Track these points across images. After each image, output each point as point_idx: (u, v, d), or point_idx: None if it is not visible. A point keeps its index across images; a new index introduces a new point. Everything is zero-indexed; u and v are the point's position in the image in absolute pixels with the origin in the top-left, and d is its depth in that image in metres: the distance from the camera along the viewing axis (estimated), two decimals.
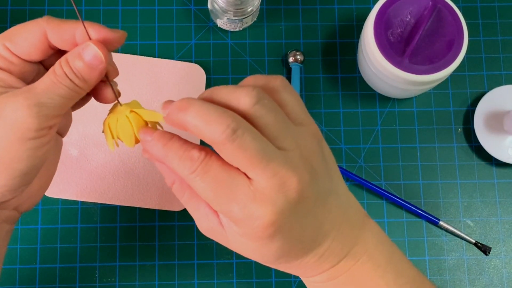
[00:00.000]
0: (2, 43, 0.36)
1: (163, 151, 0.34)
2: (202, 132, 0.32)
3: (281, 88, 0.35)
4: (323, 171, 0.35)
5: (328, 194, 0.35)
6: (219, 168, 0.33)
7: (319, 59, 0.62)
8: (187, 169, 0.33)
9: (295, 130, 0.34)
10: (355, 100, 0.61)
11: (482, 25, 0.63)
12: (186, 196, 0.36)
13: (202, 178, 0.33)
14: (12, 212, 0.40)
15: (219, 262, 0.57)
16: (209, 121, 0.32)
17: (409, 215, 0.59)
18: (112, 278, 0.57)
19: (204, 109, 0.32)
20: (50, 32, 0.36)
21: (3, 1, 0.62)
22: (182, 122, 0.33)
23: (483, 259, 0.58)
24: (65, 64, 0.35)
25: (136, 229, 0.58)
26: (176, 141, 0.34)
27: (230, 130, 0.31)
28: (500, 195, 0.60)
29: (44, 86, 0.34)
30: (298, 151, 0.34)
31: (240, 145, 0.31)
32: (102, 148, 0.58)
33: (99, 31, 0.35)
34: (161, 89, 0.59)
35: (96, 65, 0.35)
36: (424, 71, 0.53)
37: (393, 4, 0.55)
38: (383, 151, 0.60)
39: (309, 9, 0.63)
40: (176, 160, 0.33)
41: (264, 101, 0.33)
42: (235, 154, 0.32)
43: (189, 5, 0.63)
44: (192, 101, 0.32)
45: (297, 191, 0.33)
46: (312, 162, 0.34)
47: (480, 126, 0.59)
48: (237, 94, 0.33)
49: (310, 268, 0.37)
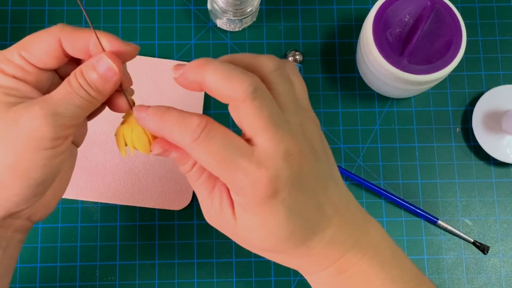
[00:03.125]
0: (17, 52, 0.36)
1: (160, 123, 0.33)
2: (221, 89, 0.32)
3: (293, 71, 0.36)
4: (323, 155, 0.36)
5: (328, 179, 0.36)
6: (221, 135, 0.32)
7: (318, 59, 0.62)
8: (188, 138, 0.32)
9: (300, 111, 0.35)
10: (354, 100, 0.61)
11: (481, 25, 0.63)
12: (204, 176, 0.35)
13: (204, 146, 0.32)
14: (25, 221, 0.39)
15: (218, 261, 0.57)
16: (231, 78, 0.32)
17: (408, 214, 0.59)
18: (112, 277, 0.57)
19: (225, 67, 0.32)
20: (64, 40, 0.36)
21: (3, 2, 0.62)
22: (200, 79, 0.32)
23: (481, 258, 0.58)
24: (80, 76, 0.35)
25: (136, 228, 0.58)
26: (173, 111, 0.33)
27: (252, 88, 0.32)
28: (498, 195, 0.60)
29: (61, 96, 0.35)
30: (301, 129, 0.34)
31: (259, 105, 0.32)
32: (102, 148, 0.58)
33: (112, 43, 0.35)
34: (161, 89, 0.59)
35: (110, 76, 0.35)
36: (423, 71, 0.54)
37: (392, 4, 0.55)
38: (381, 150, 0.60)
39: (308, 9, 0.63)
40: (176, 129, 0.33)
41: (282, 71, 0.34)
42: (251, 114, 0.32)
43: (189, 5, 0.63)
44: (210, 60, 0.33)
45: (299, 163, 0.33)
46: (313, 142, 0.35)
47: (479, 125, 0.60)
48: (259, 58, 0.34)
49: (318, 256, 0.36)
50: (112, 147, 0.58)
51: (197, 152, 0.33)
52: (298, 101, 0.35)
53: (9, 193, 0.35)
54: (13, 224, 0.38)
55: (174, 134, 0.33)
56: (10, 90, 0.35)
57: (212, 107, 0.59)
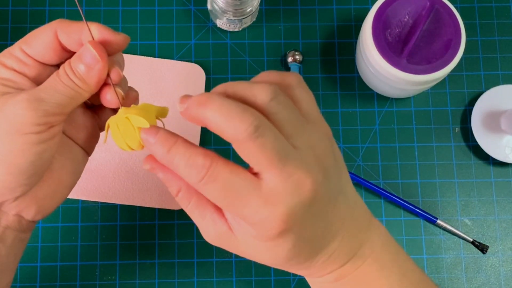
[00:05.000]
0: (19, 46, 0.37)
1: (168, 157, 0.33)
2: (223, 128, 0.31)
3: (295, 85, 0.35)
4: (334, 171, 0.35)
5: (338, 194, 0.35)
6: (227, 174, 0.32)
7: (318, 59, 0.62)
8: (193, 177, 0.32)
9: (308, 128, 0.34)
10: (354, 100, 0.61)
11: (480, 25, 0.63)
12: (191, 204, 0.35)
13: (210, 186, 0.32)
14: (16, 217, 0.38)
15: (218, 261, 0.58)
16: (231, 118, 0.31)
17: (407, 214, 0.59)
18: (112, 276, 0.57)
19: (226, 105, 0.31)
20: (60, 32, 0.37)
21: (4, 2, 0.62)
22: (201, 117, 0.32)
23: (480, 258, 0.59)
24: (67, 65, 0.36)
25: (136, 227, 0.58)
26: (180, 146, 0.33)
27: (252, 127, 0.31)
28: (497, 194, 0.60)
29: (47, 84, 0.36)
30: (311, 151, 0.33)
31: (262, 143, 0.31)
32: (102, 147, 0.58)
33: (100, 32, 0.36)
34: (161, 89, 0.60)
35: (93, 64, 0.36)
36: (422, 71, 0.54)
37: (391, 5, 0.55)
38: (381, 150, 0.60)
39: (308, 9, 0.63)
40: (182, 167, 0.33)
41: (280, 97, 0.33)
42: (254, 153, 0.31)
43: (189, 6, 0.63)
44: (211, 96, 0.32)
45: (311, 192, 0.32)
46: (324, 161, 0.34)
47: (478, 125, 0.60)
48: (253, 89, 0.33)
49: (319, 268, 0.37)
50: (112, 147, 0.58)
51: (204, 192, 0.33)
52: (305, 119, 0.34)
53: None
54: (3, 218, 0.38)
55: (181, 172, 0.33)
56: (7, 82, 0.36)
57: None
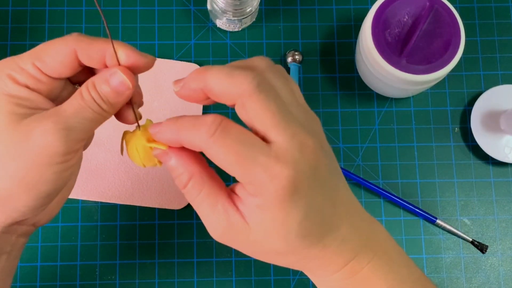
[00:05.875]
0: (31, 62, 0.35)
1: (176, 129, 0.33)
2: (226, 87, 0.32)
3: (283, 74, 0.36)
4: (330, 153, 0.35)
5: (338, 179, 0.35)
6: (237, 130, 0.32)
7: (317, 59, 0.62)
8: (204, 135, 0.32)
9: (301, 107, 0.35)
10: (353, 100, 0.62)
11: (479, 25, 0.63)
12: (203, 193, 0.34)
13: (221, 142, 0.32)
14: (30, 227, 0.39)
15: (218, 260, 0.58)
16: (233, 76, 0.32)
17: (407, 213, 0.59)
18: (112, 276, 0.57)
19: (225, 68, 0.32)
20: (80, 52, 0.35)
21: (4, 2, 0.62)
22: (202, 85, 0.32)
23: (480, 257, 0.59)
24: (92, 89, 0.35)
25: (136, 227, 0.58)
26: (186, 116, 0.33)
27: (256, 81, 0.32)
28: (496, 194, 0.60)
29: (73, 110, 0.34)
30: (307, 122, 0.34)
31: (266, 97, 0.32)
32: (102, 148, 0.58)
33: (129, 55, 0.35)
34: (161, 89, 0.60)
35: (123, 91, 0.35)
36: (422, 71, 0.54)
37: (390, 5, 0.55)
38: (380, 150, 0.60)
39: (308, 9, 0.63)
40: (191, 129, 0.32)
41: (275, 67, 0.34)
42: (259, 109, 0.32)
43: (188, 6, 0.63)
44: (208, 66, 0.33)
45: (314, 154, 0.32)
46: (320, 137, 0.34)
47: (477, 125, 0.60)
48: (250, 60, 0.34)
49: (332, 257, 0.35)
50: (112, 147, 0.58)
51: (214, 149, 0.32)
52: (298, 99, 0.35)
53: (17, 204, 0.35)
54: (18, 230, 0.39)
55: (190, 135, 0.32)
56: (22, 101, 0.35)
57: (212, 107, 0.60)
